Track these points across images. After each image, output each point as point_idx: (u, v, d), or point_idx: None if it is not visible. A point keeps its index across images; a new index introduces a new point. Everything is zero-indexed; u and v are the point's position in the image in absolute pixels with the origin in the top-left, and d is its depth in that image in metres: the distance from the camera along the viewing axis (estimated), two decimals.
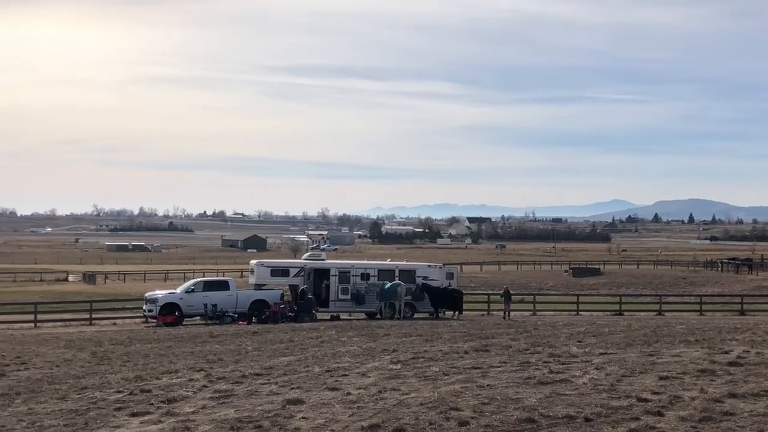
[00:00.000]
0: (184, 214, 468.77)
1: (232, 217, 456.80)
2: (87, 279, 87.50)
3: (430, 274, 41.74)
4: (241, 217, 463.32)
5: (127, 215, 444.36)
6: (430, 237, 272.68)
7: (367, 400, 13.42)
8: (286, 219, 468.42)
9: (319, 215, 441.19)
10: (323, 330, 29.37)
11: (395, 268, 42.50)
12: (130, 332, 32.39)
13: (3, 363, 20.83)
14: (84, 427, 12.01)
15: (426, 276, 41.18)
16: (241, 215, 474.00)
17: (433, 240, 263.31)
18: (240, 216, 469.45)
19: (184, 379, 16.83)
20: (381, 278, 40.51)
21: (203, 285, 40.16)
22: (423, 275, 41.26)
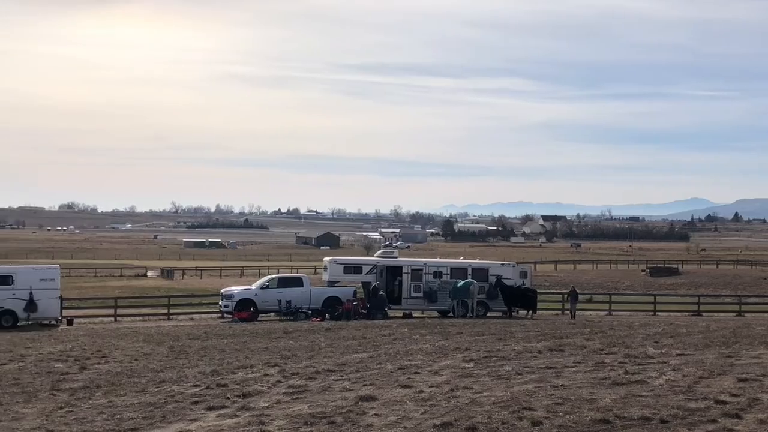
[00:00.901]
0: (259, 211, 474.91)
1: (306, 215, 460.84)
2: (165, 275, 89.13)
3: (503, 272, 41.47)
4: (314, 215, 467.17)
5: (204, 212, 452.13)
6: (504, 235, 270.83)
7: (440, 398, 13.42)
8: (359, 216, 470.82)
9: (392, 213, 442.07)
10: (396, 327, 29.43)
11: (468, 266, 42.35)
12: (206, 327, 32.94)
13: (84, 356, 21.36)
14: (162, 420, 12.26)
15: (499, 274, 40.93)
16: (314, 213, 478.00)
17: (506, 238, 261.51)
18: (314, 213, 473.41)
19: (259, 374, 17.05)
20: (454, 276, 40.41)
21: (278, 281, 40.62)
22: (496, 274, 41.02)
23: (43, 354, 22.17)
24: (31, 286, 35.57)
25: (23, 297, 35.27)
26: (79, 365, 19.35)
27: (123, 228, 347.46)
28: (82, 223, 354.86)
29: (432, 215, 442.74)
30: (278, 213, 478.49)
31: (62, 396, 14.82)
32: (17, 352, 22.67)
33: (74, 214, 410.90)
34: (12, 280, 35.72)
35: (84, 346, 24.37)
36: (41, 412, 13.15)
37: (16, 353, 22.46)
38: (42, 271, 38.04)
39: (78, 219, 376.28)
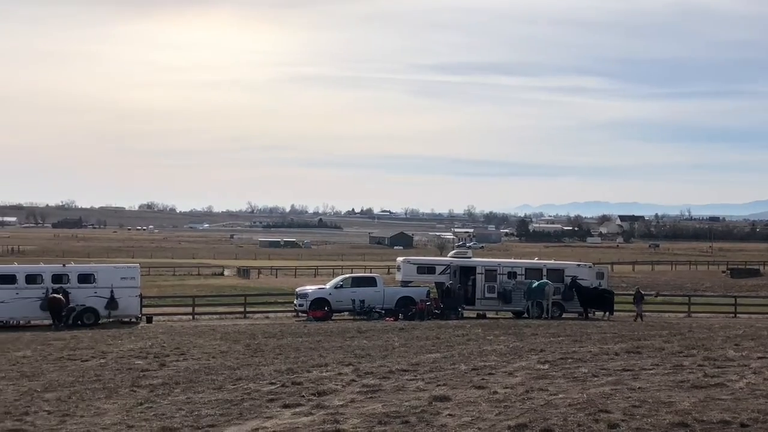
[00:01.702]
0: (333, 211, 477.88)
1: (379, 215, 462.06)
2: (241, 273, 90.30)
3: (579, 273, 40.96)
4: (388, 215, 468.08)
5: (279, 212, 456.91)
6: (580, 235, 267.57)
7: (514, 399, 13.35)
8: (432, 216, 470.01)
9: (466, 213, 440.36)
10: (469, 328, 29.34)
11: (543, 267, 41.94)
12: (281, 326, 33.28)
13: (163, 353, 21.80)
14: (238, 417, 12.44)
15: (575, 275, 40.44)
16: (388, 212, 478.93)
17: (582, 238, 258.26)
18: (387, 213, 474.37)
19: (334, 372, 17.18)
20: (528, 277, 40.06)
21: (351, 281, 40.81)
22: (572, 274, 40.52)
23: (124, 351, 22.69)
24: (112, 285, 36.42)
25: (104, 295, 36.13)
26: (158, 362, 19.75)
27: (200, 228, 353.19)
28: (161, 222, 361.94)
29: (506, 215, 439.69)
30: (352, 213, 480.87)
31: (142, 392, 15.14)
32: (99, 349, 23.25)
33: (153, 214, 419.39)
34: (94, 279, 36.63)
35: (163, 343, 24.85)
36: (122, 408, 13.46)
37: (98, 350, 23.03)
38: (123, 269, 38.92)
39: (157, 219, 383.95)
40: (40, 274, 36.39)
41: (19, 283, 35.61)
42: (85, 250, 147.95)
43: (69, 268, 38.15)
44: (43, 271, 37.19)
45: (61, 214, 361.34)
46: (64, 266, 38.81)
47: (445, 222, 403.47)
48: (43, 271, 37.19)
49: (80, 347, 23.94)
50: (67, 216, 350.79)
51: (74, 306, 35.38)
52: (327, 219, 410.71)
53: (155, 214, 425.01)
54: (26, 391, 15.43)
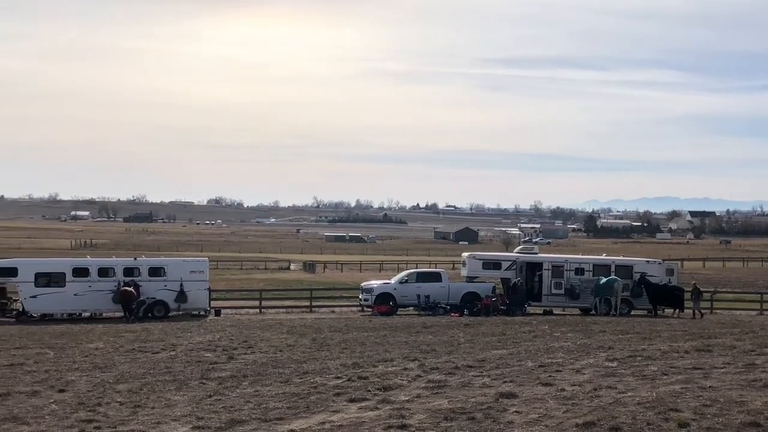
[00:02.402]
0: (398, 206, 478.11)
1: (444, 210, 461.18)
2: (307, 268, 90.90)
3: (648, 269, 40.31)
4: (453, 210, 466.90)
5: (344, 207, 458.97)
6: (649, 231, 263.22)
7: (582, 397, 13.22)
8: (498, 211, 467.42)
9: (532, 208, 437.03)
10: (536, 324, 29.12)
11: (611, 263, 41.39)
12: (347, 320, 33.46)
13: (232, 346, 22.08)
14: (305, 411, 12.55)
15: (644, 272, 39.83)
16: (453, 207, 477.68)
17: (651, 234, 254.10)
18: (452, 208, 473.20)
19: (399, 367, 17.21)
20: (596, 273, 39.59)
21: (416, 276, 40.81)
22: (641, 271, 39.93)
23: (193, 344, 23.03)
24: (182, 278, 37.04)
25: (174, 288, 36.77)
26: (227, 355, 20.01)
27: (267, 222, 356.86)
28: (229, 217, 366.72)
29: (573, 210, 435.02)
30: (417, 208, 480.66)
31: (211, 384, 15.36)
32: (169, 342, 23.65)
33: (221, 209, 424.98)
34: (164, 272, 37.31)
35: (231, 336, 25.17)
36: (192, 400, 13.68)
37: (168, 342, 23.43)
38: (192, 263, 39.56)
39: (225, 213, 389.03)
40: (112, 268, 37.20)
41: (92, 276, 36.47)
42: (155, 243, 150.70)
43: (140, 261, 38.93)
44: (115, 264, 38.00)
45: (132, 208, 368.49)
46: (136, 260, 39.62)
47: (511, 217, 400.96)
48: (115, 264, 38.00)
49: (151, 339, 24.38)
50: (138, 210, 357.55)
51: (144, 299, 36.08)
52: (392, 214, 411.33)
53: (223, 208, 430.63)
54: (99, 383, 15.78)
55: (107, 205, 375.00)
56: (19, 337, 25.70)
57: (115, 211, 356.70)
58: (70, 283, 36.16)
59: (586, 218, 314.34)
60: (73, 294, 36.08)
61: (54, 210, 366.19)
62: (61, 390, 14.90)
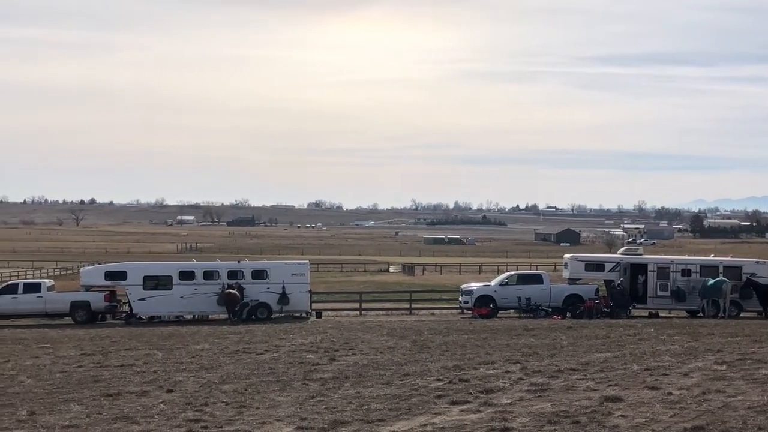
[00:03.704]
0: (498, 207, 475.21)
1: (544, 211, 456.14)
2: (406, 270, 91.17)
3: (758, 270, 38.99)
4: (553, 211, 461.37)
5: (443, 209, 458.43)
6: (759, 231, 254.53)
7: (690, 401, 12.88)
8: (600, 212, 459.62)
9: (636, 208, 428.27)
10: (641, 327, 28.49)
11: (719, 264, 40.17)
12: (447, 322, 33.38)
13: (333, 348, 22.28)
14: (407, 413, 12.55)
15: (753, 273, 38.54)
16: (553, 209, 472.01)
17: (761, 234, 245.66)
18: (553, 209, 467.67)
19: (501, 370, 17.07)
20: (703, 274, 38.50)
21: (517, 278, 40.46)
22: (750, 272, 38.66)
23: (296, 345, 23.33)
24: (284, 280, 37.59)
25: (276, 290, 37.34)
26: (328, 356, 20.19)
27: (366, 225, 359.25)
28: (329, 220, 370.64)
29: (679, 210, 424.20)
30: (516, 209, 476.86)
31: (313, 386, 15.52)
32: (272, 343, 24.02)
33: (321, 212, 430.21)
34: (266, 275, 37.93)
35: (332, 338, 25.41)
36: (295, 401, 13.85)
37: (271, 344, 23.80)
38: (293, 266, 40.13)
39: (324, 216, 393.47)
40: (216, 271, 38.03)
41: (198, 279, 37.35)
42: (258, 247, 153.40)
43: (243, 264, 39.67)
44: (219, 267, 38.84)
45: (235, 212, 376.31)
46: (239, 263, 40.39)
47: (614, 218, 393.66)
48: (219, 267, 38.84)
49: (254, 341, 24.81)
50: (240, 214, 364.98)
51: (248, 301, 36.76)
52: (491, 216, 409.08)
53: (323, 211, 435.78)
54: (205, 383, 16.12)
55: (211, 209, 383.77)
56: (129, 339, 26.51)
57: (219, 216, 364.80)
58: (177, 286, 37.12)
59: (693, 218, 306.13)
60: (180, 297, 37.02)
61: (160, 215, 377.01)
62: (169, 390, 15.29)
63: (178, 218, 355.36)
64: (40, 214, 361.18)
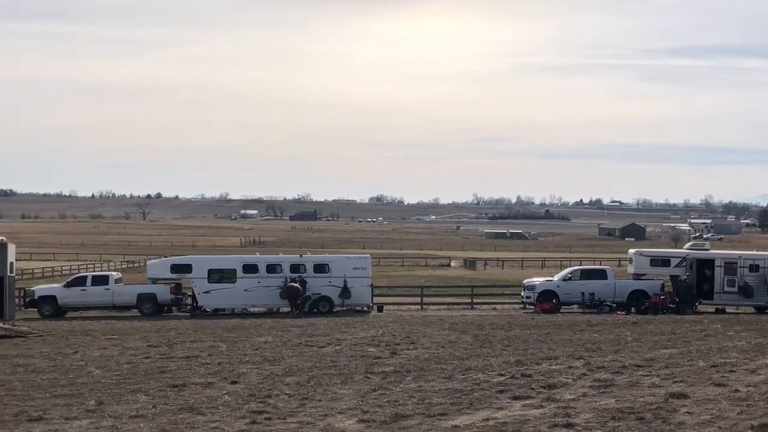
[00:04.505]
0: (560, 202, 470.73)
1: (609, 205, 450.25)
2: (468, 265, 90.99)
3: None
4: (618, 205, 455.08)
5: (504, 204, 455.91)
6: None
7: (758, 398, 12.62)
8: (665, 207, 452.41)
9: (702, 203, 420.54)
10: (707, 323, 28.01)
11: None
12: (509, 317, 33.22)
13: (394, 342, 22.33)
14: (469, 407, 12.51)
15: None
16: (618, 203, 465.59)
17: None
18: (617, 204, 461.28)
19: (564, 366, 16.93)
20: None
21: (580, 273, 40.14)
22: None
23: (357, 339, 23.44)
24: (345, 274, 37.78)
25: (338, 284, 37.56)
26: (389, 350, 20.24)
27: (427, 219, 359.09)
28: (390, 214, 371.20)
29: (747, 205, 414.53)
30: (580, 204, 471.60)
31: (375, 379, 15.57)
32: (334, 336, 24.17)
33: (382, 206, 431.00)
34: (328, 269, 38.18)
35: (394, 332, 25.46)
36: (357, 394, 13.91)
37: (333, 337, 23.95)
38: (355, 260, 40.30)
39: (385, 211, 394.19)
40: (279, 264, 38.39)
41: (261, 273, 37.75)
42: (320, 241, 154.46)
43: (305, 258, 39.98)
44: (282, 261, 39.20)
45: (297, 207, 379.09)
46: (301, 257, 40.72)
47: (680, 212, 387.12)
48: (282, 261, 39.20)
49: (316, 334, 24.99)
50: (303, 209, 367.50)
51: (309, 295, 37.04)
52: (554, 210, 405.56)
53: (384, 206, 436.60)
54: (268, 375, 16.29)
55: (274, 204, 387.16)
56: (194, 331, 26.92)
57: (281, 210, 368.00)
58: (241, 279, 37.57)
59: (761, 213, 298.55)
60: (243, 290, 37.47)
61: (224, 209, 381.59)
62: (234, 382, 15.48)
63: (241, 212, 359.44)
64: (107, 208, 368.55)
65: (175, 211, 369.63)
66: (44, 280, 61.90)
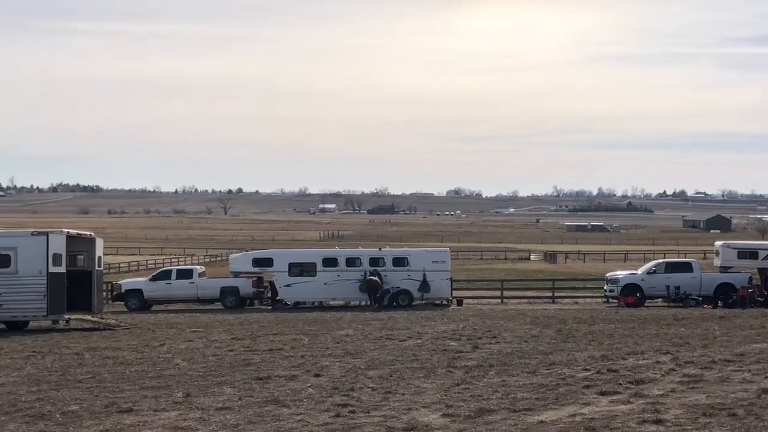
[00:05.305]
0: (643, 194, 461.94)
1: (693, 197, 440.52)
2: (548, 258, 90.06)
3: None
4: (702, 197, 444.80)
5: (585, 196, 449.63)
6: None
7: None
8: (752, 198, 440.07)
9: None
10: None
11: None
12: (591, 311, 32.76)
13: (476, 336, 22.19)
14: (554, 402, 12.34)
15: None
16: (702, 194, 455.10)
17: None
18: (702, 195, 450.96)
19: (651, 361, 16.60)
20: None
21: (665, 266, 39.32)
22: None
23: (438, 332, 23.38)
24: (424, 268, 37.73)
25: (417, 278, 37.54)
26: (471, 344, 20.12)
27: (506, 212, 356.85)
28: (468, 207, 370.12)
29: None
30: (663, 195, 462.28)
31: (458, 373, 15.49)
32: (414, 330, 24.15)
33: (460, 200, 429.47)
34: (407, 262, 38.18)
35: (474, 326, 25.32)
36: (440, 388, 13.85)
37: (414, 331, 23.93)
38: (434, 253, 40.21)
39: (463, 204, 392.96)
40: (359, 258, 38.54)
41: (341, 266, 37.96)
42: (398, 234, 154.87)
43: (384, 252, 40.08)
44: (361, 255, 39.36)
45: (375, 200, 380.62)
46: (380, 250, 40.80)
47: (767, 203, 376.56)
48: (361, 255, 39.36)
49: (397, 327, 25.01)
50: (380, 202, 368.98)
51: (389, 288, 37.10)
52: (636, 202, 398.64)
53: (462, 199, 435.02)
54: (351, 368, 16.34)
55: (352, 197, 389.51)
56: (276, 324, 27.21)
57: (359, 204, 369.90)
58: (321, 273, 37.84)
59: None
60: (323, 283, 37.74)
61: (304, 203, 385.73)
62: (317, 375, 15.57)
63: (320, 206, 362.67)
64: (190, 203, 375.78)
65: (256, 206, 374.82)
66: (130, 274, 63.39)
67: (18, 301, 26.68)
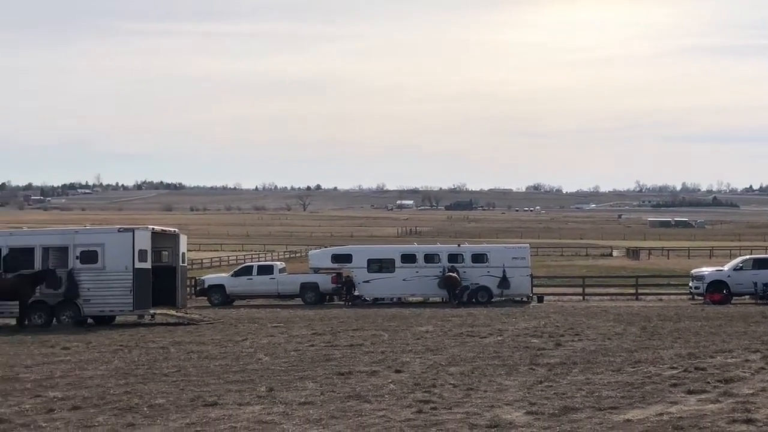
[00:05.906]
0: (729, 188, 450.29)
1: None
2: (631, 254, 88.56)
3: None
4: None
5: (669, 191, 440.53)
6: None
7: None
8: None
9: None
10: None
11: None
12: (676, 308, 32.08)
13: (558, 333, 21.92)
14: (641, 401, 12.10)
15: None
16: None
17: None
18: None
19: (740, 359, 16.18)
20: None
21: (753, 262, 38.23)
22: None
23: (519, 329, 23.17)
24: (504, 264, 37.44)
25: (497, 274, 37.27)
26: (553, 341, 19.88)
27: (587, 208, 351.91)
28: (547, 203, 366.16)
29: None
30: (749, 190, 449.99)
31: (540, 370, 15.31)
32: (495, 327, 23.98)
33: (539, 195, 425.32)
34: (486, 258, 37.95)
35: (556, 323, 25.02)
36: (522, 385, 13.70)
37: (494, 327, 23.76)
38: (513, 249, 39.88)
39: (543, 200, 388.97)
40: (437, 254, 38.45)
41: (419, 262, 37.92)
42: (476, 230, 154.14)
43: (463, 248, 39.89)
44: (440, 251, 39.26)
45: (453, 197, 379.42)
46: (459, 246, 40.63)
47: None
48: (440, 251, 39.26)
49: (477, 324, 24.86)
50: (458, 198, 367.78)
51: (468, 284, 36.92)
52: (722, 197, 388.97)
53: (541, 195, 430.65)
54: (431, 365, 16.29)
55: (429, 194, 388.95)
56: (356, 320, 27.32)
57: (437, 200, 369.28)
58: (399, 269, 37.86)
59: None
60: (402, 279, 37.75)
61: (381, 200, 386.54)
62: (398, 371, 15.56)
63: (397, 203, 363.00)
64: (270, 200, 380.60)
65: (334, 202, 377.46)
66: (212, 269, 64.42)
67: (105, 296, 27.33)
